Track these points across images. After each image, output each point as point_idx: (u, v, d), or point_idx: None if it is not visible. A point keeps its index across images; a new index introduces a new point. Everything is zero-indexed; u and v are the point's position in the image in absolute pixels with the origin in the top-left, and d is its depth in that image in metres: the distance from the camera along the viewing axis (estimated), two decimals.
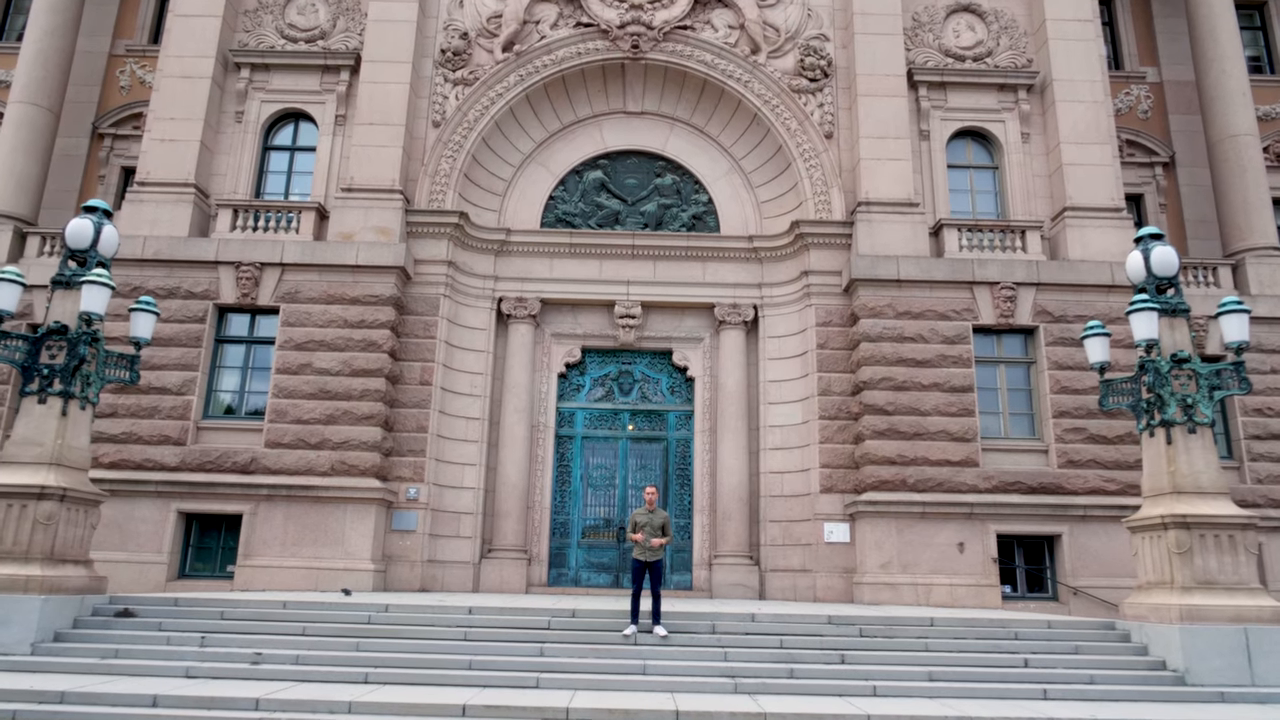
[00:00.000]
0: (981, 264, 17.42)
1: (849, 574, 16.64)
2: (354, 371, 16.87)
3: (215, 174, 18.74)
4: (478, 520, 17.63)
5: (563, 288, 18.88)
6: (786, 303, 18.56)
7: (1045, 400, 16.98)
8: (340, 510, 16.23)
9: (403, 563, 16.73)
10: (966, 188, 19.16)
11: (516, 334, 18.65)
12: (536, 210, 19.49)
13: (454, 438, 17.80)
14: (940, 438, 16.56)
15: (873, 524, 16.18)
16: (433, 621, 11.29)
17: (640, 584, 11.18)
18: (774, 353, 18.44)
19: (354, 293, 17.30)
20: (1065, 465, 16.51)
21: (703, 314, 19.09)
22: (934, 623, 11.59)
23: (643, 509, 11.48)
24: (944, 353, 17.01)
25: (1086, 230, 17.87)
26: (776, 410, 18.10)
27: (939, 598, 15.74)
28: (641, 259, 19.01)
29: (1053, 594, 16.34)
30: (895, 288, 17.34)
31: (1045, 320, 17.30)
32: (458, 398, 18.03)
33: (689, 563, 18.09)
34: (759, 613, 11.66)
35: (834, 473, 17.06)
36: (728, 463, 17.91)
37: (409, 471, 17.09)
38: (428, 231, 18.21)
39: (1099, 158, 18.36)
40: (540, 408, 18.62)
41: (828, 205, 18.44)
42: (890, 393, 16.78)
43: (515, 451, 17.97)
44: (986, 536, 16.10)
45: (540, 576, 17.79)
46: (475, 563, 17.39)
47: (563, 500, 18.50)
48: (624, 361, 19.25)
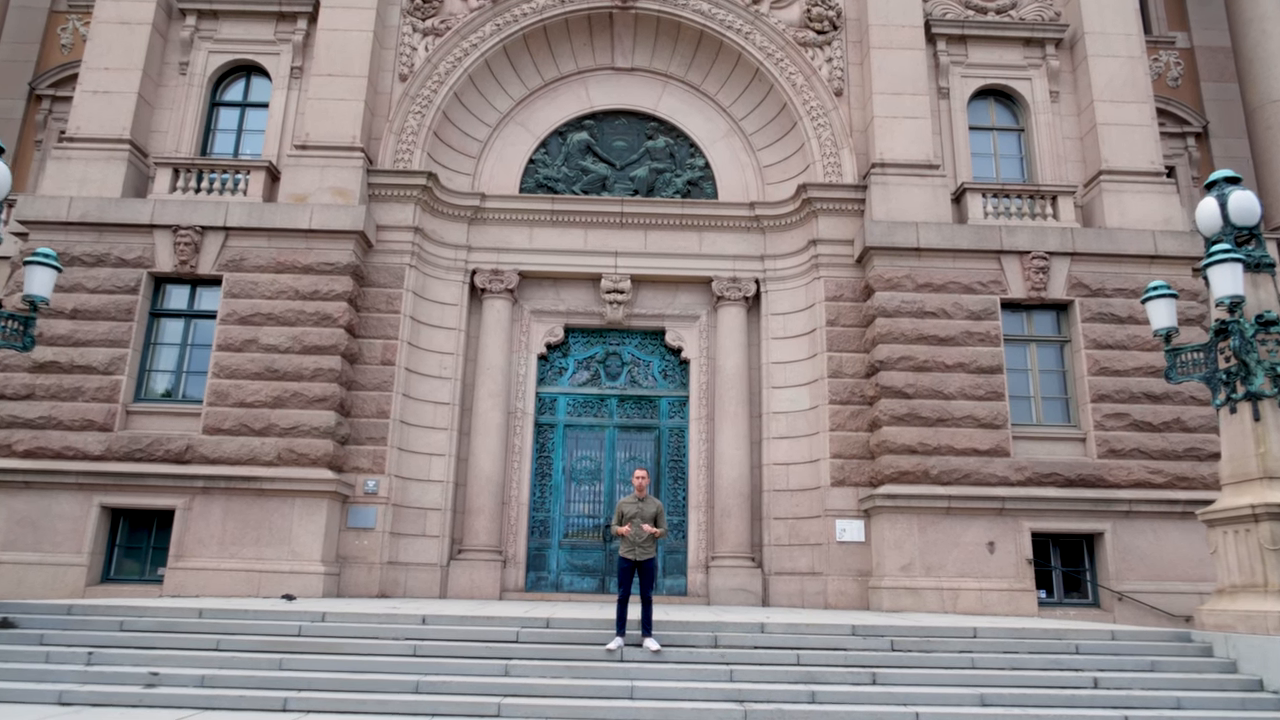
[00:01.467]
0: (1010, 231, 15.62)
1: (864, 577, 14.76)
2: (305, 349, 14.91)
3: (155, 131, 16.77)
4: (446, 517, 15.68)
5: (543, 259, 16.98)
6: (792, 276, 16.71)
7: (1082, 383, 15.16)
8: (287, 505, 14.25)
9: (359, 565, 14.76)
10: (989, 151, 17.38)
11: (492, 310, 16.74)
12: (515, 174, 17.60)
13: (420, 424, 15.86)
14: (966, 424, 14.72)
15: (891, 521, 14.31)
16: (377, 633, 9.35)
17: (628, 587, 9.28)
18: (778, 331, 16.58)
19: (307, 260, 15.36)
20: (1106, 455, 14.69)
21: (699, 289, 17.22)
22: (977, 633, 9.72)
23: (631, 497, 9.59)
24: (969, 329, 15.19)
25: (1124, 196, 16.10)
26: (781, 395, 16.23)
27: (967, 604, 13.87)
28: (631, 228, 17.13)
29: (1093, 599, 14.50)
30: (914, 257, 15.52)
31: (1081, 294, 15.49)
32: (425, 380, 16.09)
33: (683, 565, 16.19)
34: (769, 621, 9.77)
35: (846, 464, 15.20)
36: (727, 453, 16.03)
37: (368, 462, 15.13)
38: (392, 194, 16.29)
39: (1137, 117, 16.62)
40: (518, 392, 16.70)
41: (838, 168, 16.61)
42: (910, 373, 14.94)
43: (489, 441, 16.04)
44: (1019, 535, 14.26)
45: (517, 580, 15.85)
46: (443, 565, 15.43)
47: (543, 495, 16.57)
48: (611, 342, 17.36)
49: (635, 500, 9.50)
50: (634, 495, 9.55)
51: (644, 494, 9.52)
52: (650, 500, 9.54)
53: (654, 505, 9.49)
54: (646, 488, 9.55)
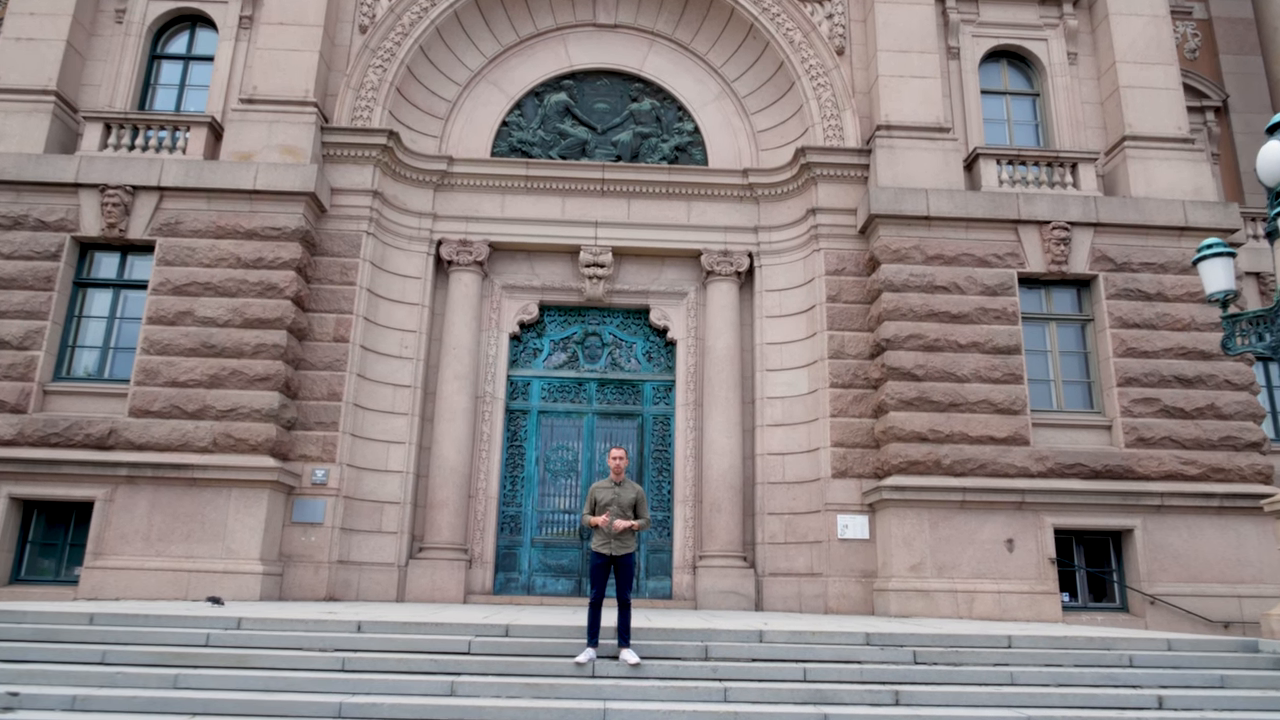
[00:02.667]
0: (1028, 200, 14.24)
1: (868, 578, 13.31)
2: (247, 322, 13.33)
3: (87, 85, 15.16)
4: (405, 511, 14.11)
5: (517, 230, 15.46)
6: (789, 249, 15.27)
7: (1107, 365, 13.79)
8: (223, 496, 12.65)
9: (305, 564, 13.17)
10: (1002, 117, 16.04)
11: (459, 285, 15.20)
12: (486, 137, 16.08)
13: (377, 409, 14.29)
14: (982, 409, 13.32)
15: (899, 516, 12.87)
16: (300, 643, 7.79)
17: (602, 588, 7.77)
18: (773, 309, 15.13)
19: (250, 224, 13.78)
20: (1135, 444, 13.32)
21: (687, 263, 15.75)
22: (1012, 643, 8.27)
23: (606, 481, 8.09)
24: (984, 305, 13.79)
25: (1151, 163, 14.77)
26: (777, 378, 14.78)
27: (984, 608, 12.45)
28: (613, 196, 15.65)
29: (1121, 603, 13.12)
30: (924, 226, 14.11)
31: (1105, 268, 14.14)
32: (383, 360, 14.52)
33: (668, 565, 14.69)
34: (769, 629, 8.29)
35: (849, 453, 13.76)
36: (717, 443, 14.55)
37: (316, 449, 13.55)
38: (349, 155, 14.74)
39: (1162, 79, 15.31)
40: (487, 375, 15.17)
41: (839, 131, 15.20)
42: (919, 353, 13.52)
43: (455, 427, 14.50)
44: (1041, 531, 12.86)
45: (484, 582, 14.30)
46: (401, 565, 13.86)
47: (514, 489, 15.04)
48: (591, 321, 15.86)
49: (611, 485, 8.00)
50: (610, 479, 8.06)
51: (621, 477, 8.02)
52: (629, 485, 8.05)
53: (633, 491, 8.00)
54: (625, 470, 8.05)
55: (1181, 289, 13.96)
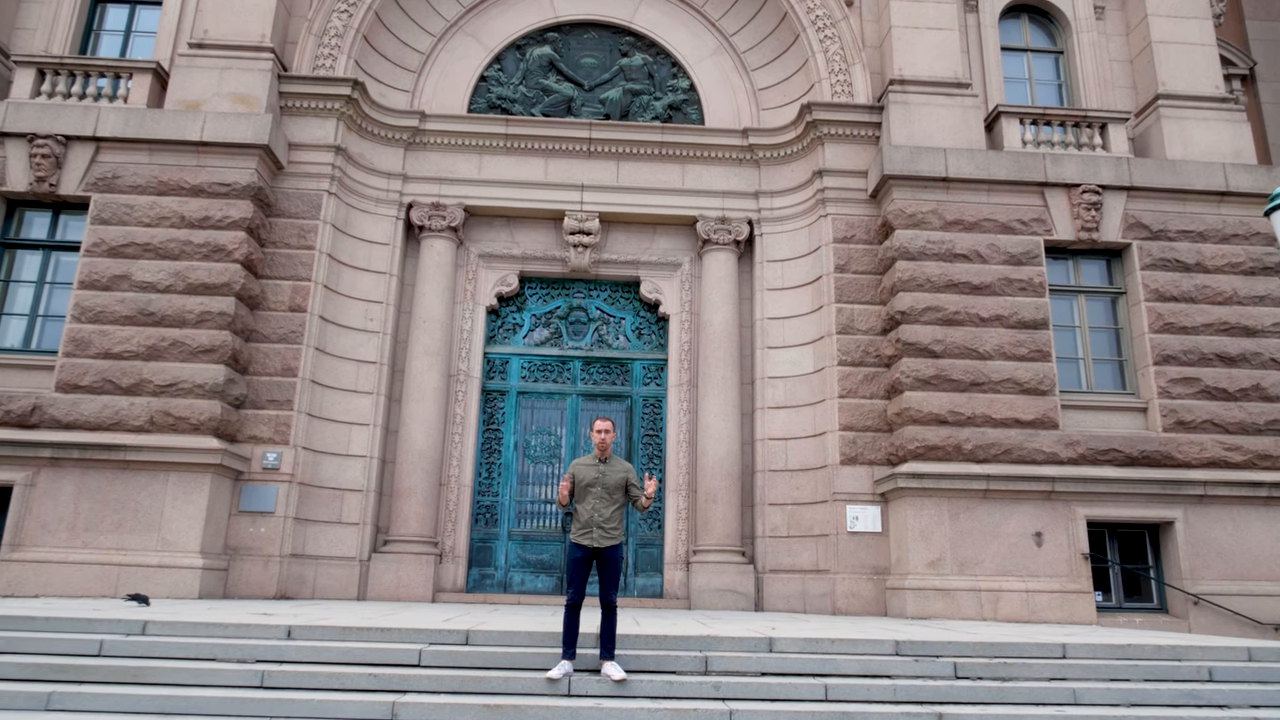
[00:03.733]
0: (1056, 160, 12.98)
1: (881, 575, 12.04)
2: (190, 287, 11.94)
3: (21, 28, 13.73)
4: (369, 500, 12.75)
5: (495, 193, 14.09)
6: (792, 215, 13.96)
7: (1141, 342, 12.56)
8: (159, 481, 11.27)
9: (254, 558, 11.79)
10: (1023, 75, 14.77)
11: (431, 252, 13.83)
12: (463, 93, 14.69)
13: (337, 386, 12.91)
14: (1006, 388, 12.06)
15: (916, 506, 11.60)
16: (215, 653, 6.44)
17: (582, 587, 6.44)
18: (775, 281, 13.83)
19: (196, 180, 12.37)
20: (1173, 428, 12.09)
21: (681, 231, 14.43)
22: (1067, 652, 7.01)
23: (589, 458, 6.77)
24: (1008, 275, 12.53)
25: (1187, 124, 13.54)
26: (779, 356, 13.49)
27: (1010, 608, 11.20)
28: (601, 157, 14.30)
29: (1160, 603, 11.90)
30: (942, 189, 12.83)
31: (1139, 236, 12.90)
32: (345, 333, 13.14)
33: (658, 560, 13.38)
34: (780, 635, 6.99)
35: (859, 437, 12.48)
36: (713, 427, 13.25)
37: (268, 430, 12.18)
38: (309, 107, 13.33)
39: (1198, 34, 14.07)
40: (462, 352, 13.81)
41: (848, 88, 13.90)
42: (938, 327, 12.25)
43: (425, 408, 13.14)
44: (1073, 523, 11.61)
45: (456, 578, 12.96)
46: (363, 559, 12.50)
47: (490, 476, 13.70)
48: (576, 294, 14.52)
49: (595, 462, 6.68)
50: (593, 456, 6.74)
51: (607, 454, 6.71)
52: (616, 463, 6.73)
53: (621, 469, 6.68)
54: (611, 445, 6.73)
55: (1223, 259, 12.74)
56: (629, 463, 7.13)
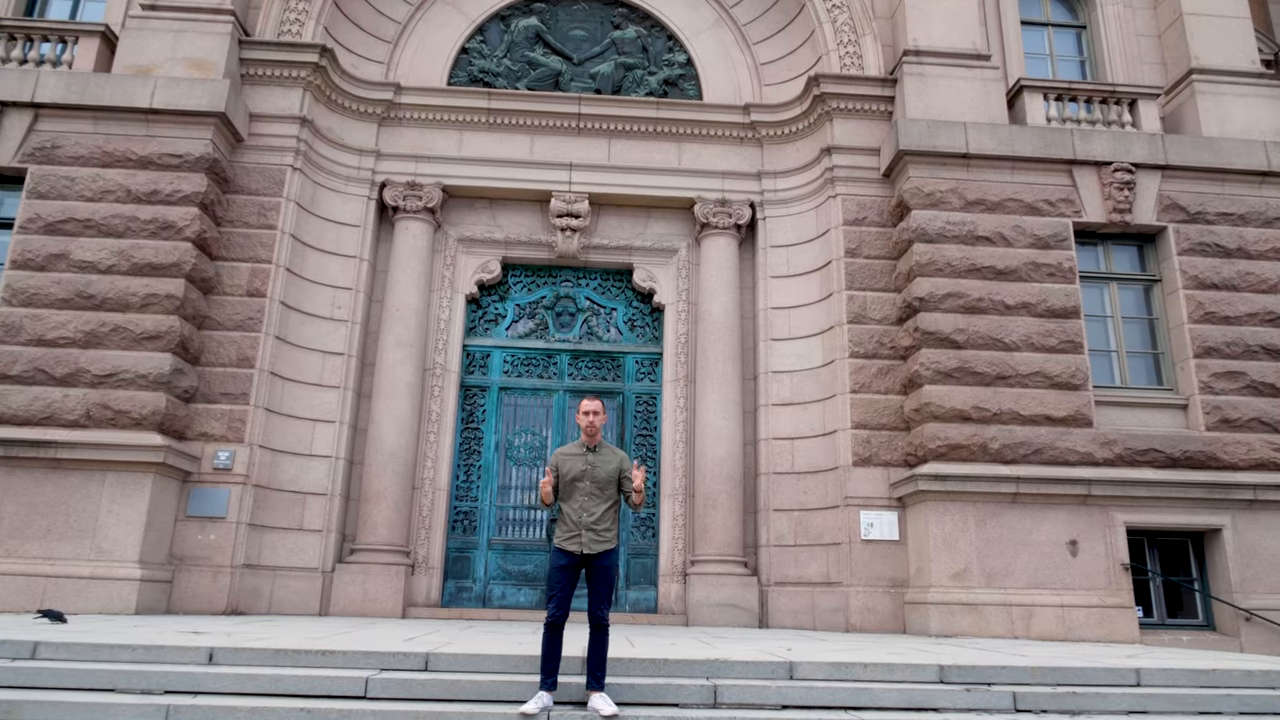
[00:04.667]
0: (1085, 136, 11.97)
1: (899, 588, 10.91)
2: (136, 267, 10.78)
3: None
4: (333, 505, 11.56)
5: (476, 172, 12.99)
6: (799, 197, 12.91)
7: (1180, 333, 11.52)
8: (95, 483, 10.06)
9: (202, 569, 10.57)
10: (1044, 51, 13.81)
11: (406, 235, 12.70)
12: (442, 65, 13.61)
13: (300, 379, 11.74)
14: (1035, 382, 10.99)
15: (939, 511, 10.49)
16: (117, 682, 5.26)
17: (567, 601, 5.29)
18: (780, 268, 12.75)
19: (145, 151, 11.23)
20: (1217, 426, 11.04)
21: (677, 215, 13.36)
22: (1141, 678, 5.90)
23: (575, 445, 5.64)
24: (1035, 260, 11.49)
25: (1224, 100, 12.57)
26: (784, 349, 12.40)
27: (1044, 625, 10.08)
28: (591, 135, 13.23)
29: (1206, 619, 10.80)
30: (962, 166, 11.80)
31: (1176, 218, 11.89)
32: (310, 321, 11.99)
33: (652, 572, 12.23)
34: (800, 659, 5.85)
35: (873, 436, 11.38)
36: (712, 425, 12.13)
37: (220, 426, 10.99)
38: (272, 75, 12.22)
39: (1232, 7, 13.15)
40: (438, 344, 12.66)
41: (858, 59, 12.88)
42: (959, 315, 11.18)
43: (397, 405, 11.97)
44: (1111, 531, 10.52)
45: (429, 591, 11.76)
46: (326, 570, 11.30)
47: (468, 479, 12.53)
48: (563, 282, 13.41)
49: (582, 451, 5.55)
50: (579, 443, 5.61)
51: (597, 440, 5.58)
52: (608, 451, 5.60)
53: (613, 459, 5.56)
54: (601, 430, 5.60)
55: (1266, 244, 11.74)
56: (624, 451, 5.96)
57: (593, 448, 5.53)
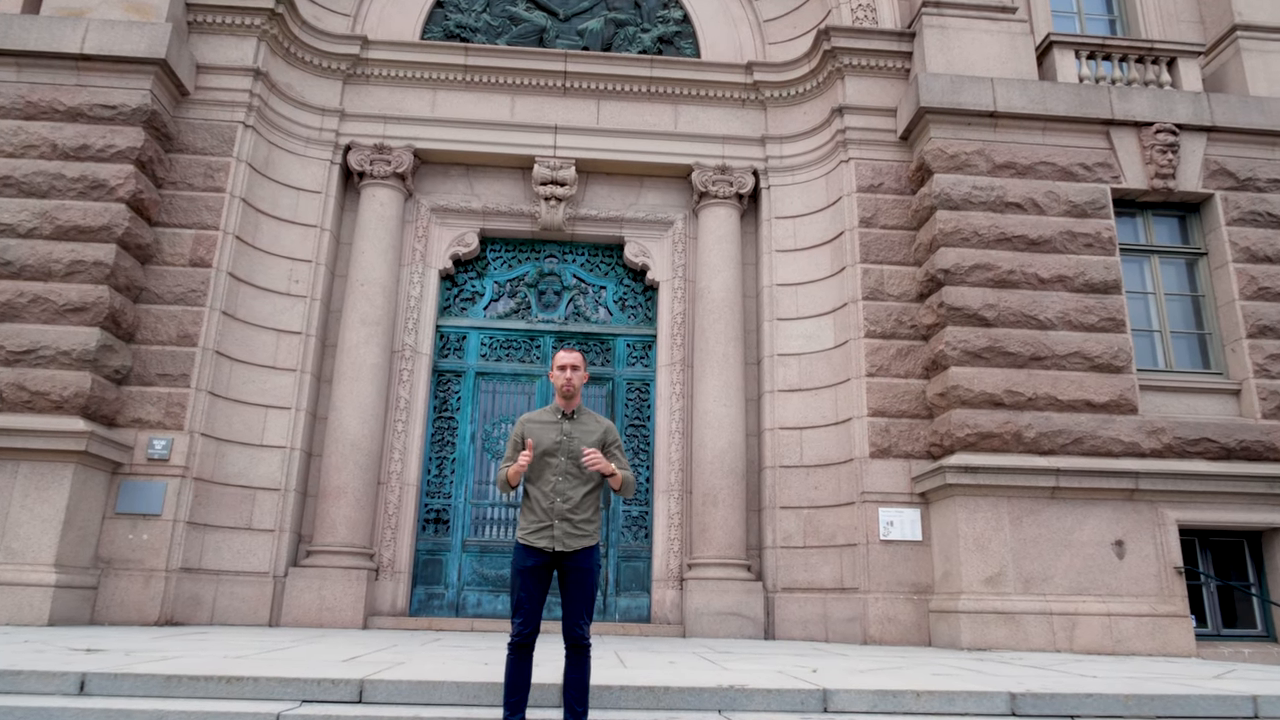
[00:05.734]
0: (1123, 95, 10.85)
1: (922, 595, 9.71)
2: (60, 231, 9.51)
3: None
4: (286, 501, 10.28)
5: (451, 135, 11.77)
6: (807, 164, 11.74)
7: (1231, 311, 10.40)
8: (6, 474, 8.78)
9: (133, 573, 9.27)
10: (1072, 9, 12.70)
11: (373, 203, 11.46)
12: (415, 18, 12.38)
13: (251, 361, 10.48)
14: (1074, 364, 9.83)
15: (969, 508, 9.31)
16: None
17: (535, 612, 4.04)
18: (786, 241, 11.58)
19: (74, 101, 9.96)
20: (1275, 414, 9.91)
21: (673, 184, 12.18)
22: (1259, 708, 4.71)
23: (546, 411, 4.42)
24: (1071, 229, 10.34)
25: (1272, 58, 11.49)
26: (792, 330, 11.21)
27: (1089, 636, 8.89)
28: (578, 95, 12.03)
29: (1266, 629, 9.63)
30: (989, 126, 10.66)
31: (1224, 185, 10.78)
32: (263, 296, 10.73)
33: (644, 577, 11.00)
34: (833, 685, 4.64)
35: (893, 424, 10.19)
36: (712, 414, 10.93)
37: (157, 411, 9.71)
38: (223, 23, 10.97)
39: None
40: (408, 323, 11.42)
41: (871, 12, 11.73)
42: (989, 290, 10.02)
43: (361, 390, 10.72)
44: (1161, 529, 9.36)
45: (396, 599, 10.49)
46: (279, 575, 10.03)
47: (440, 474, 11.28)
48: (548, 257, 12.20)
49: (555, 418, 4.33)
50: (554, 407, 4.39)
51: (575, 402, 4.36)
52: (589, 418, 4.39)
53: (596, 429, 4.35)
54: (581, 390, 4.38)
55: None
56: (610, 420, 4.69)
57: (570, 414, 4.31)
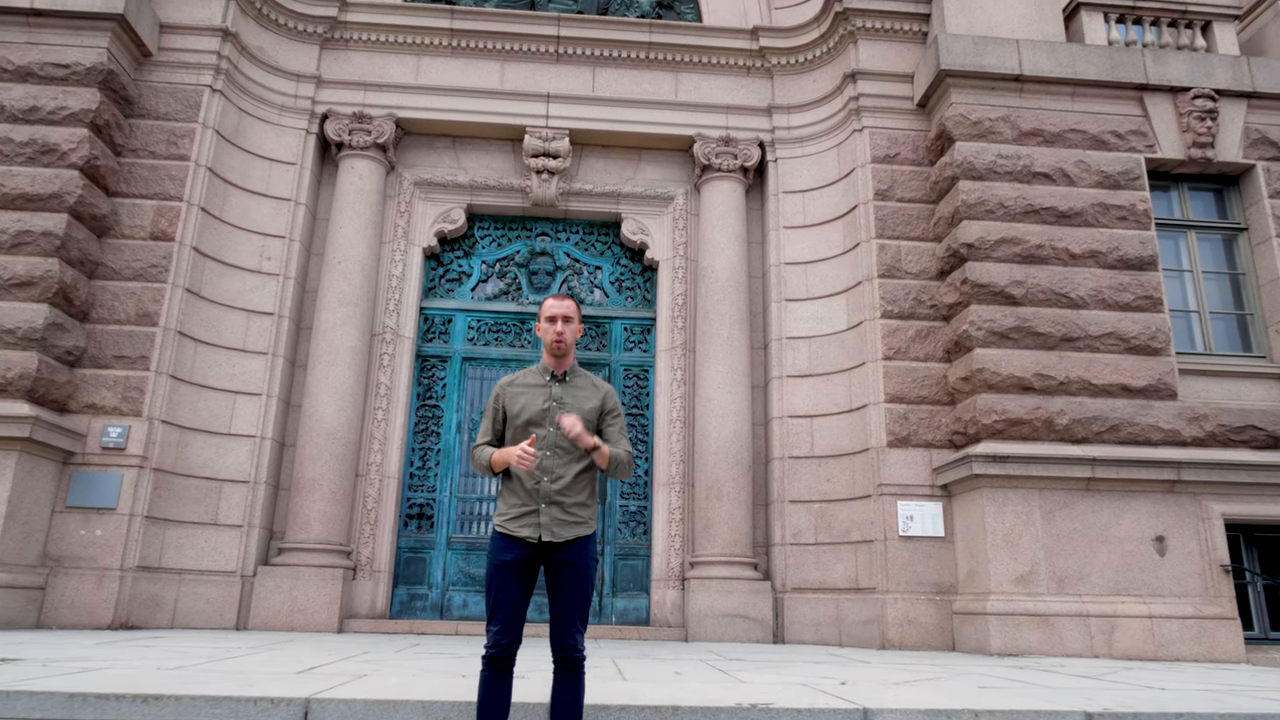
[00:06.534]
0: (1158, 58, 10.11)
1: (945, 596, 8.95)
2: (5, 199, 8.72)
3: None
4: (256, 495, 9.49)
5: (436, 103, 10.99)
6: (817, 134, 10.98)
7: (1276, 290, 9.66)
8: None
9: (84, 571, 8.47)
10: None
11: (351, 176, 10.68)
12: None
13: (218, 343, 9.68)
14: (1108, 345, 9.09)
15: (997, 501, 8.55)
16: None
17: (516, 619, 3.27)
18: (795, 216, 10.82)
19: (24, 60, 9.16)
20: None
21: (674, 157, 11.42)
22: None
23: (533, 371, 3.63)
24: (1103, 201, 9.60)
25: None
26: (801, 311, 10.45)
27: (1129, 641, 8.14)
28: (572, 61, 11.27)
29: None
30: (1014, 91, 9.91)
31: (1267, 155, 10.04)
32: (232, 274, 9.93)
33: (643, 576, 10.23)
34: (875, 704, 3.88)
35: (911, 411, 9.43)
36: (716, 401, 10.16)
37: (113, 396, 8.91)
38: None
39: None
40: (389, 304, 10.63)
41: None
42: (1016, 265, 9.28)
43: (338, 375, 9.93)
44: (1205, 524, 8.61)
45: (375, 600, 9.70)
46: (247, 574, 9.23)
47: (424, 466, 10.50)
48: (540, 235, 11.43)
49: (543, 380, 3.55)
50: (541, 366, 3.60)
51: (569, 360, 3.57)
52: (584, 381, 3.62)
53: (593, 394, 3.58)
54: (574, 346, 3.58)
55: None
56: (609, 384, 3.80)
57: (561, 375, 3.54)
